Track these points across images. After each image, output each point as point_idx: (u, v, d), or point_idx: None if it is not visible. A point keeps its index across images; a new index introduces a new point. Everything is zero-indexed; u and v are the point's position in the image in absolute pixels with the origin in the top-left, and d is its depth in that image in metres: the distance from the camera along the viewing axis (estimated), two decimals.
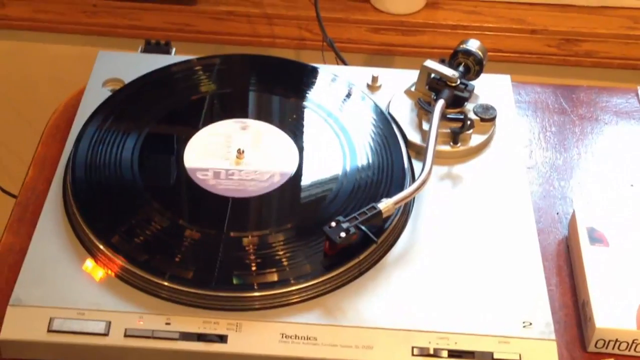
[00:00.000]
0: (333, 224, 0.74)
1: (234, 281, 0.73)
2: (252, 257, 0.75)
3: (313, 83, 0.92)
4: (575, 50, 1.30)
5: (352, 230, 0.74)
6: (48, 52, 1.38)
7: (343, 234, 0.73)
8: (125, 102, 0.88)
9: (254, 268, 0.74)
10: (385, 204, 0.76)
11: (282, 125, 0.87)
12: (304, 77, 0.93)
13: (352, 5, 1.31)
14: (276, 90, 0.91)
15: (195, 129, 0.85)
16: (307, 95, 0.91)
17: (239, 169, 0.82)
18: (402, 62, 1.32)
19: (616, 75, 1.31)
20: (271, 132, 0.86)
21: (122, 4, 1.31)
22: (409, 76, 0.92)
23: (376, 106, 0.89)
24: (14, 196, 1.46)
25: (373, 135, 0.85)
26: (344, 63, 1.15)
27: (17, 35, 1.36)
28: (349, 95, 0.90)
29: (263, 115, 0.88)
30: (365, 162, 0.83)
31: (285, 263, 0.75)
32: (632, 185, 0.90)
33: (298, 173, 0.82)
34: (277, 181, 0.81)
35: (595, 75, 1.31)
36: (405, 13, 1.30)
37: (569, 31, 1.29)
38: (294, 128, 0.87)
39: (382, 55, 1.33)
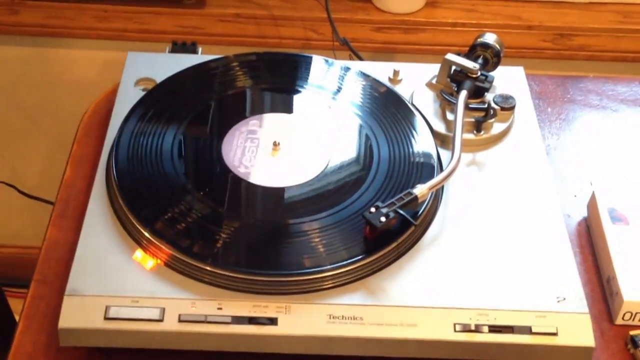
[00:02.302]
0: (372, 209, 0.75)
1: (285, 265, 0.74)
2: (294, 242, 0.76)
3: (342, 79, 0.93)
4: (569, 45, 1.32)
5: (392, 214, 0.75)
6: (61, 56, 1.38)
7: (383, 219, 0.75)
8: (163, 98, 0.88)
9: (298, 253, 0.75)
10: (420, 190, 0.77)
11: (315, 119, 0.88)
12: (333, 74, 0.94)
13: (355, 5, 1.33)
14: (309, 86, 0.92)
15: (232, 122, 0.86)
16: (337, 90, 0.92)
17: (275, 159, 0.83)
18: (404, 59, 1.33)
19: (608, 67, 1.34)
20: (305, 125, 0.87)
21: (132, 9, 1.31)
22: (429, 69, 0.93)
23: (401, 98, 0.90)
24: (29, 196, 1.47)
25: (402, 126, 0.87)
26: (360, 59, 1.16)
27: (31, 41, 1.36)
28: (375, 89, 0.91)
29: (296, 109, 0.89)
30: (396, 152, 0.84)
31: (326, 248, 0.76)
32: None
33: (333, 163, 0.83)
34: (314, 170, 0.82)
35: (588, 68, 1.33)
36: (407, 12, 1.31)
37: (563, 26, 1.31)
38: (327, 121, 0.88)
39: (385, 53, 1.34)
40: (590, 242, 0.85)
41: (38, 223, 0.86)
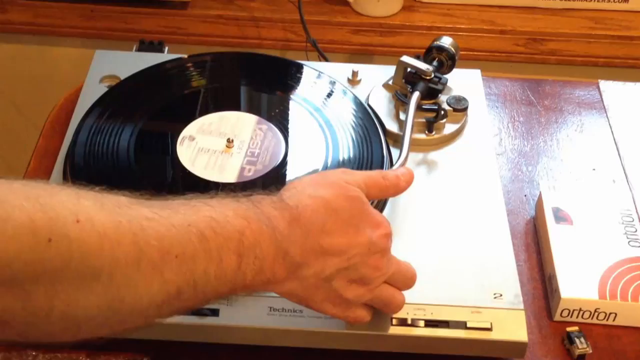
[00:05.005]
0: None
1: None
2: None
3: (297, 78, 0.93)
4: (541, 49, 1.32)
5: None
6: (48, 54, 1.39)
7: None
8: (122, 96, 0.88)
9: None
10: None
11: (269, 118, 0.88)
12: (289, 73, 0.94)
13: (334, 8, 1.33)
14: (263, 85, 0.92)
15: (188, 120, 0.86)
16: (291, 89, 0.92)
17: (228, 157, 0.83)
18: (380, 61, 1.33)
19: (578, 71, 1.33)
20: (258, 124, 0.87)
21: (118, 9, 1.32)
22: (387, 71, 0.93)
23: (356, 98, 0.90)
24: None
25: (354, 125, 0.87)
26: (326, 60, 1.16)
27: (19, 39, 1.37)
28: (331, 89, 0.92)
29: (251, 108, 0.89)
30: (346, 150, 0.84)
31: None
32: (594, 169, 0.92)
33: (284, 161, 0.83)
34: (264, 169, 0.82)
35: (559, 72, 1.32)
36: (384, 15, 1.31)
37: (535, 31, 1.31)
38: (280, 120, 0.88)
39: (362, 54, 1.34)
40: (536, 241, 0.85)
41: None
